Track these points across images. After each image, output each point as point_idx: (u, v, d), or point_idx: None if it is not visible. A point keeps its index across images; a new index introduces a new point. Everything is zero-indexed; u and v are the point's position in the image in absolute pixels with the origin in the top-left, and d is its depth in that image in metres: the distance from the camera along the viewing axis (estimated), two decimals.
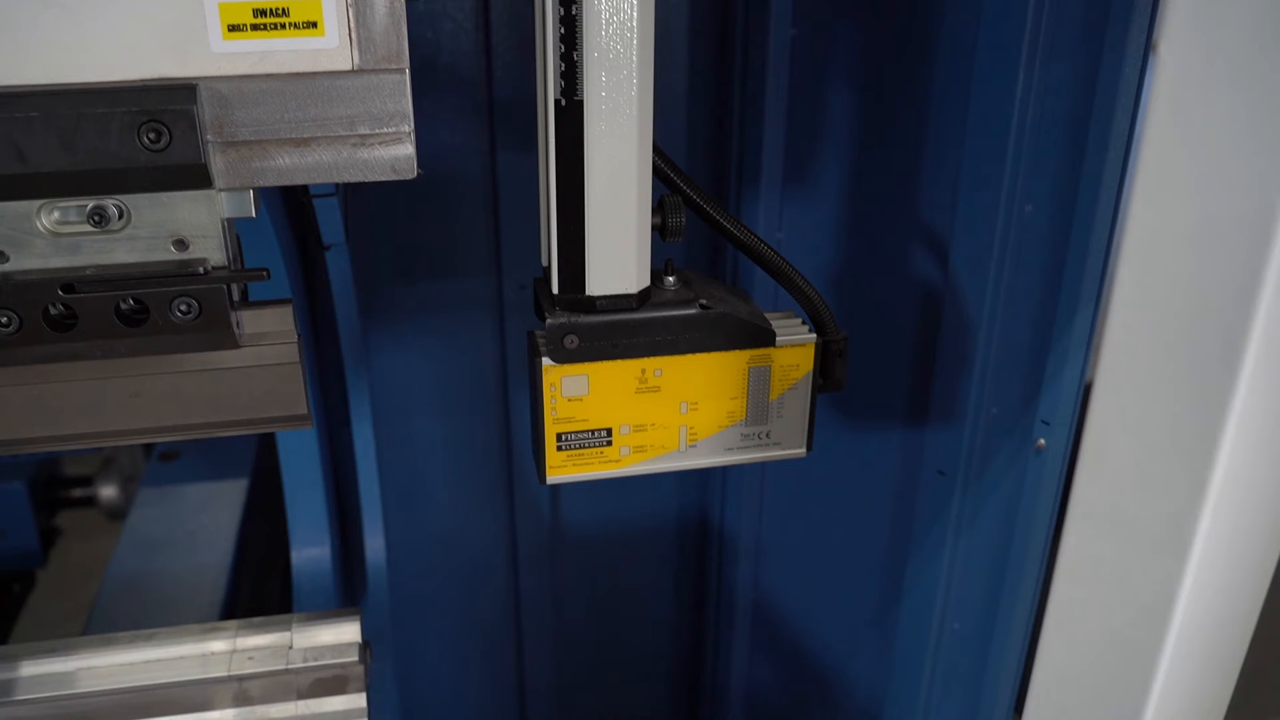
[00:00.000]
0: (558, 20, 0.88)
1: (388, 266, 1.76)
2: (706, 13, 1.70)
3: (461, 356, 1.87)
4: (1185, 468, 0.77)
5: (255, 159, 0.84)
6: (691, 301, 1.03)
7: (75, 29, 0.78)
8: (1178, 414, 0.77)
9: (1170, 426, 0.78)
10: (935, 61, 1.40)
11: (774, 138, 1.65)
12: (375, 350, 1.80)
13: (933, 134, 1.43)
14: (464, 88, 1.67)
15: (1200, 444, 0.76)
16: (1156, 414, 0.79)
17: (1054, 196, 1.28)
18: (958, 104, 1.36)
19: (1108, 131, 1.17)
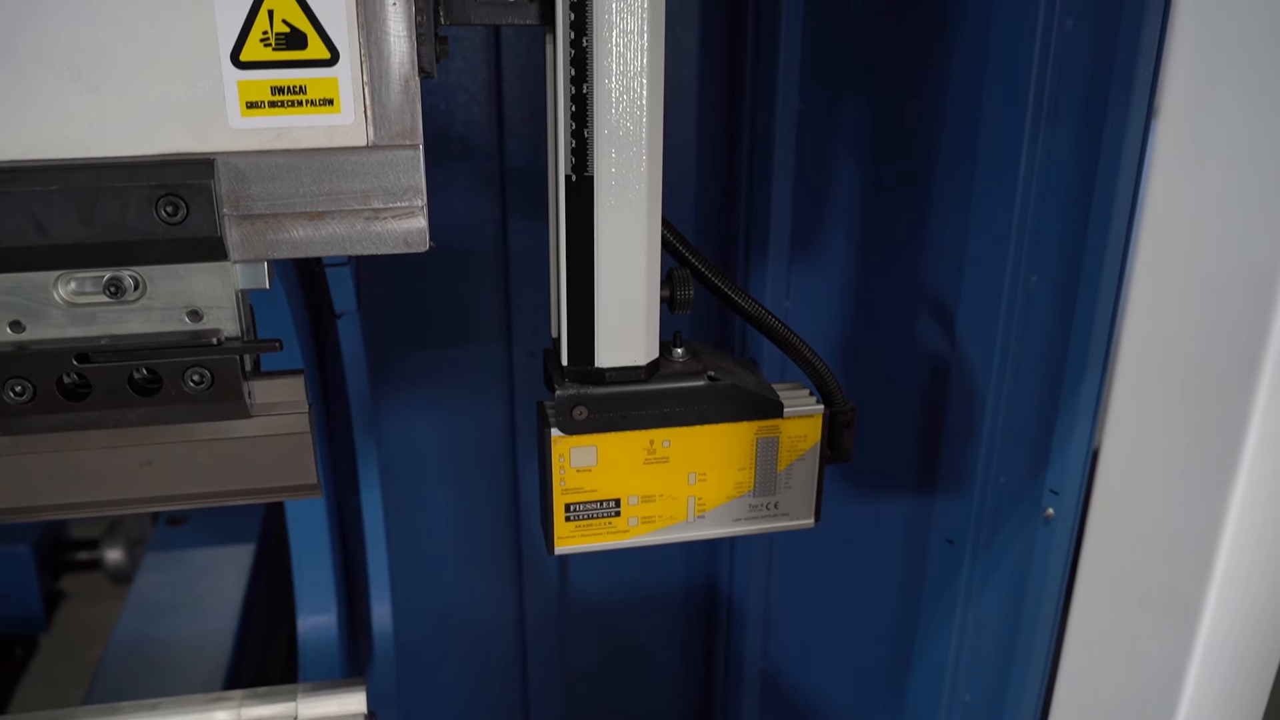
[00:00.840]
0: (569, 98, 0.90)
1: (399, 333, 1.77)
2: (715, 87, 1.73)
3: (471, 424, 1.88)
4: (1193, 537, 0.77)
5: (270, 232, 0.86)
6: (700, 373, 1.04)
7: (97, 105, 0.80)
8: (1185, 484, 0.77)
9: (1178, 496, 0.78)
10: (940, 134, 1.42)
11: (781, 208, 1.67)
12: (385, 417, 1.81)
13: (938, 205, 1.45)
14: (477, 158, 1.70)
15: (1207, 513, 0.76)
16: (1164, 484, 0.79)
17: (1059, 267, 1.29)
18: (963, 175, 1.38)
19: (1111, 201, 1.19)
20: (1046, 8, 1.22)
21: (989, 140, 1.33)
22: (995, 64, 1.30)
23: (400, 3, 0.81)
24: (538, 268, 1.03)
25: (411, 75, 0.82)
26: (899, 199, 1.52)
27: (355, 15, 0.81)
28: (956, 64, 1.38)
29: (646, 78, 0.90)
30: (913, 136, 1.47)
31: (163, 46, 0.79)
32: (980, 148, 1.34)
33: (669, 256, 1.02)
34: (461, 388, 1.85)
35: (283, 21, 0.80)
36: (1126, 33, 1.14)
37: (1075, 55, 1.22)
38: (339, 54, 0.81)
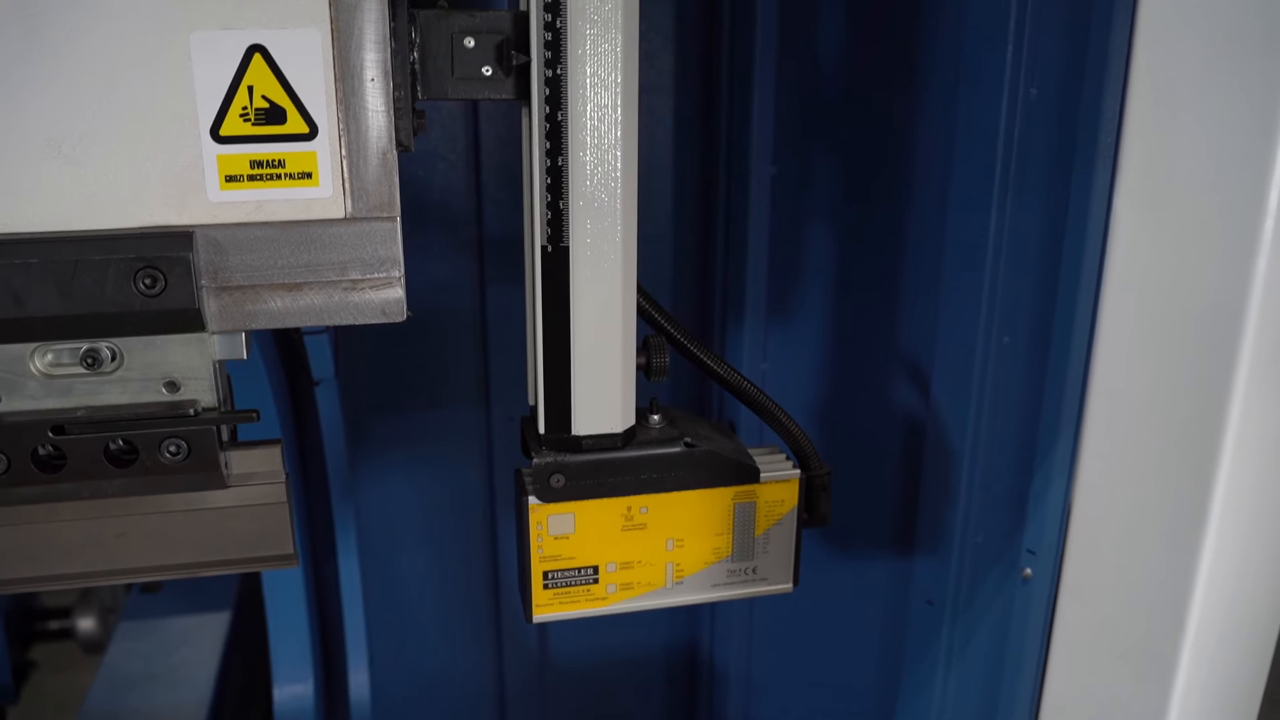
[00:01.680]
0: (544, 171, 0.91)
1: (377, 399, 1.77)
2: (689, 152, 1.76)
3: (449, 489, 1.87)
4: (1166, 593, 0.78)
5: (248, 303, 0.86)
6: (676, 440, 1.05)
7: (76, 179, 0.81)
8: (1157, 540, 0.78)
9: (1150, 553, 0.79)
10: (910, 198, 1.45)
11: (757, 272, 1.69)
12: (362, 483, 1.80)
13: (911, 267, 1.47)
14: (454, 224, 1.72)
15: (1180, 569, 0.77)
16: (1136, 541, 0.80)
17: (1030, 327, 1.30)
18: (934, 239, 1.40)
19: (1079, 263, 1.21)
20: (1011, 76, 1.25)
21: (959, 204, 1.35)
22: (963, 130, 1.33)
23: (378, 79, 0.82)
24: (515, 332, 1.03)
25: (389, 149, 0.84)
26: (872, 261, 1.54)
27: (334, 91, 0.82)
28: (925, 129, 1.41)
29: (621, 150, 0.91)
30: (885, 201, 1.50)
31: (143, 122, 0.80)
32: (950, 211, 1.37)
33: (645, 324, 1.03)
34: (439, 453, 1.84)
35: (262, 97, 0.81)
36: (1089, 100, 1.17)
37: (1040, 122, 1.25)
38: (318, 129, 0.83)
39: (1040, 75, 1.23)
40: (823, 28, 1.56)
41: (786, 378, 1.72)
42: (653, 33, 1.70)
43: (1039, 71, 1.23)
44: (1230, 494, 0.75)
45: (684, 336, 1.05)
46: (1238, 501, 0.75)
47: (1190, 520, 0.76)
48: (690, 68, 1.73)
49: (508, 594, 1.96)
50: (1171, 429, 0.76)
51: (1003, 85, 1.26)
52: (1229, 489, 0.75)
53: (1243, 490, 0.75)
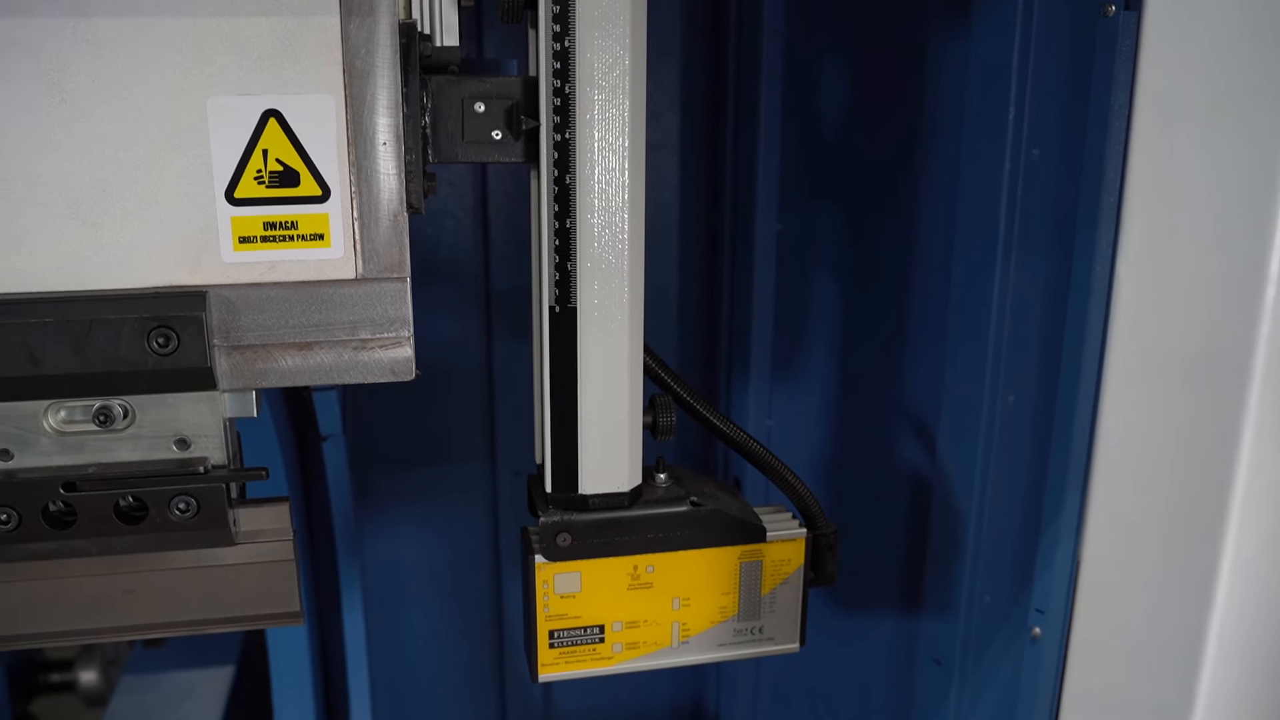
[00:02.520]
0: (552, 233, 0.93)
1: (383, 453, 1.78)
2: (695, 208, 1.78)
3: (455, 544, 1.87)
4: (1176, 655, 0.77)
5: (259, 361, 0.87)
6: (682, 499, 1.05)
7: (94, 240, 0.82)
8: (1166, 601, 0.78)
9: (1159, 614, 0.79)
10: (916, 256, 1.46)
11: (762, 328, 1.70)
12: (368, 537, 1.80)
13: (916, 324, 1.48)
14: (462, 280, 1.73)
15: (1190, 631, 0.76)
16: (1145, 602, 0.80)
17: (1036, 385, 1.31)
18: (939, 296, 1.41)
19: (1084, 321, 1.21)
20: (1014, 137, 1.27)
21: (963, 263, 1.36)
22: (966, 190, 1.34)
23: (390, 142, 0.84)
24: (522, 387, 1.04)
25: (400, 211, 0.85)
26: (878, 318, 1.55)
27: (346, 154, 0.84)
28: (929, 188, 1.42)
29: (628, 212, 0.93)
30: (890, 258, 1.51)
31: (160, 184, 0.82)
32: (955, 270, 1.38)
33: (651, 382, 1.04)
34: (445, 507, 1.84)
35: (276, 160, 0.83)
36: (1090, 161, 1.18)
37: (1042, 182, 1.26)
38: (330, 191, 0.84)
39: (1042, 136, 1.25)
40: (826, 88, 1.59)
41: (792, 434, 1.72)
42: (659, 92, 1.73)
43: (1041, 133, 1.25)
44: (1239, 551, 0.75)
45: (690, 395, 1.06)
46: (1247, 559, 0.75)
47: (1200, 579, 0.76)
48: (696, 126, 1.75)
49: (512, 651, 1.95)
50: (1178, 487, 0.76)
51: (1005, 146, 1.27)
52: (1238, 546, 0.75)
53: (1252, 547, 0.75)
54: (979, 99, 1.30)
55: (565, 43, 0.88)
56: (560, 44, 0.88)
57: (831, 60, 1.58)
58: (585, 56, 0.89)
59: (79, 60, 0.79)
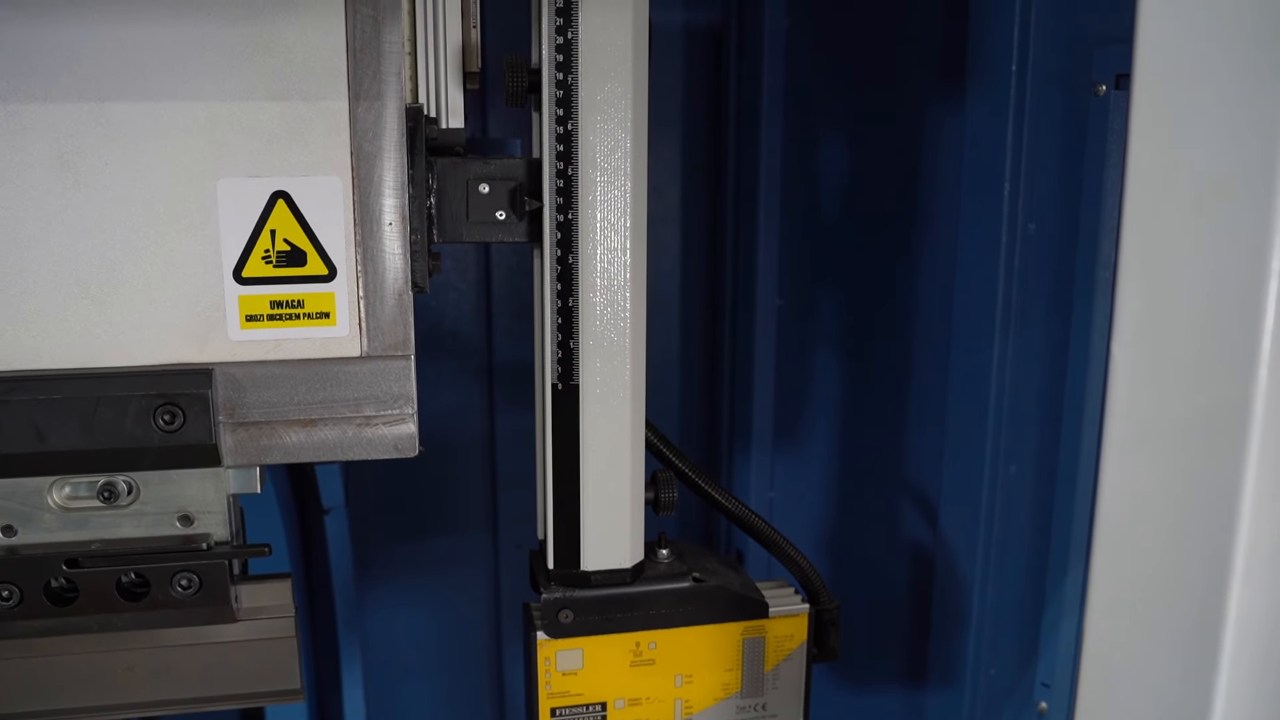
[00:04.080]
0: (555, 311, 0.94)
1: (385, 525, 1.78)
2: (696, 282, 1.79)
3: (456, 618, 1.86)
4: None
5: (264, 438, 0.88)
6: (685, 575, 1.05)
7: (103, 319, 0.83)
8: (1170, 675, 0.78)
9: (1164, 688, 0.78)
10: (914, 329, 1.47)
11: (763, 401, 1.71)
12: (369, 611, 1.79)
13: (915, 396, 1.49)
14: (465, 352, 1.75)
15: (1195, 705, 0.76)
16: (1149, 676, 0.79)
17: (1036, 456, 1.31)
18: (938, 368, 1.42)
19: (1082, 393, 1.22)
20: (1010, 212, 1.28)
21: (962, 335, 1.37)
22: (964, 263, 1.36)
23: (396, 222, 0.85)
24: (524, 459, 1.05)
25: (405, 290, 0.86)
26: (878, 390, 1.56)
27: (353, 234, 0.85)
28: (928, 262, 1.44)
29: (630, 290, 0.94)
30: (890, 331, 1.52)
31: (169, 264, 0.83)
32: (954, 341, 1.39)
33: (653, 458, 1.05)
34: (446, 580, 1.84)
35: (284, 240, 0.84)
36: (1085, 235, 1.20)
37: (1038, 257, 1.27)
38: (336, 270, 0.85)
39: (1038, 211, 1.27)
40: (825, 164, 1.61)
41: (794, 506, 1.72)
42: (660, 166, 1.75)
43: (1037, 208, 1.27)
44: (1243, 624, 0.75)
45: (692, 470, 1.06)
46: (1252, 631, 0.75)
47: (1205, 651, 0.76)
48: (697, 199, 1.78)
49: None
50: (1180, 561, 0.76)
51: (1001, 221, 1.29)
52: (1240, 620, 0.74)
53: (1255, 620, 0.75)
54: (975, 174, 1.33)
55: (568, 126, 0.90)
56: (563, 128, 0.90)
57: (830, 136, 1.60)
58: (588, 140, 0.91)
59: (92, 143, 0.81)
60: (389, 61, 0.84)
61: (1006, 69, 1.25)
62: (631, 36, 0.90)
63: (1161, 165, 0.73)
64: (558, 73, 0.89)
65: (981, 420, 1.35)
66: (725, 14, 1.74)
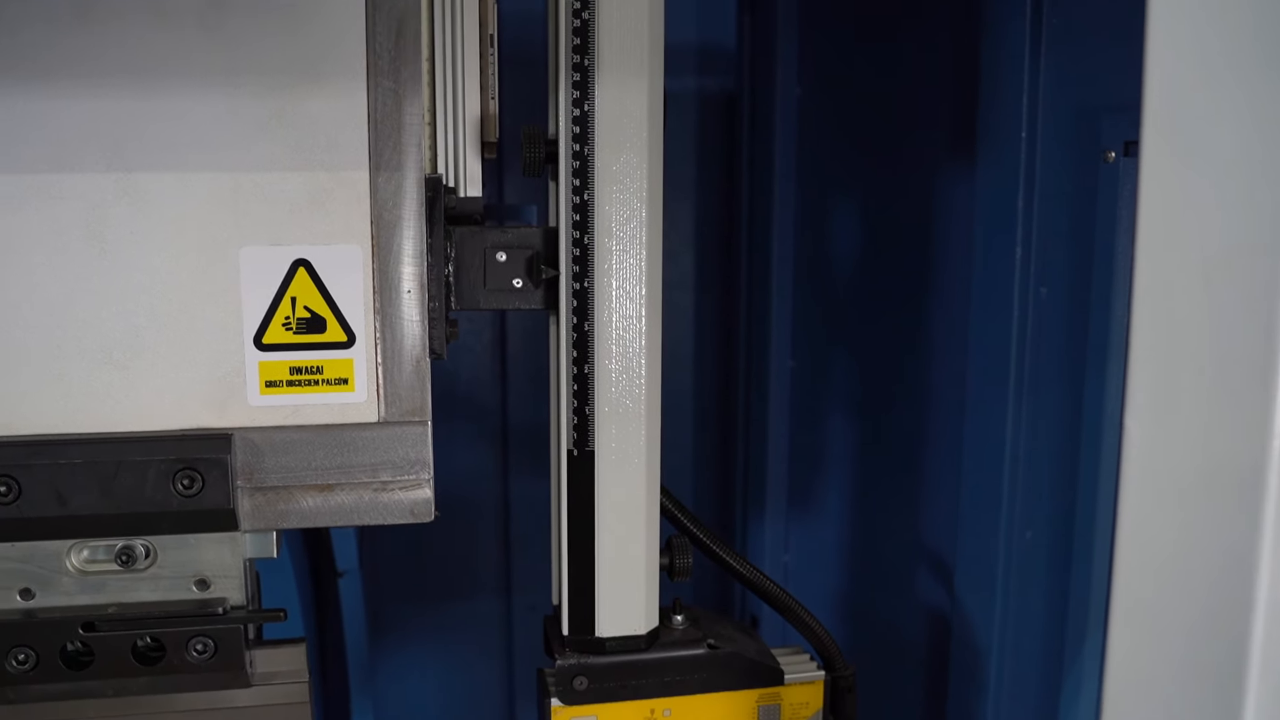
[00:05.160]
0: (570, 378, 0.95)
1: (399, 588, 1.77)
2: (709, 345, 1.81)
3: (469, 682, 1.85)
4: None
5: (281, 503, 0.88)
6: (699, 641, 1.05)
7: (125, 384, 0.85)
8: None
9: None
10: (928, 393, 1.48)
11: (777, 463, 1.71)
12: (382, 674, 1.78)
13: (930, 459, 1.48)
14: (480, 414, 1.75)
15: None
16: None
17: (1052, 521, 1.30)
18: (953, 431, 1.42)
19: (1098, 457, 1.22)
20: (1022, 276, 1.29)
21: (976, 398, 1.38)
22: (977, 327, 1.36)
23: (415, 290, 0.87)
24: (538, 521, 1.05)
25: (423, 356, 0.87)
26: (892, 453, 1.56)
27: (372, 301, 0.86)
28: (940, 325, 1.45)
29: (645, 358, 0.95)
30: (903, 394, 1.52)
31: (191, 330, 0.84)
32: (968, 405, 1.39)
33: (667, 523, 1.05)
34: (460, 642, 1.83)
35: (304, 307, 0.86)
36: (1097, 300, 1.20)
37: (1051, 321, 1.28)
38: (355, 337, 0.86)
39: (1050, 275, 1.27)
40: (837, 228, 1.63)
41: (809, 570, 1.71)
42: (674, 231, 1.77)
43: (1049, 272, 1.27)
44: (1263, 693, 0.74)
45: (707, 536, 1.06)
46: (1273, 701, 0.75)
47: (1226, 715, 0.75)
48: (710, 264, 1.80)
49: None
50: (1198, 629, 0.76)
51: (1014, 285, 1.29)
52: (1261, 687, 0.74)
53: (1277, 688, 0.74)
54: (987, 239, 1.34)
55: (584, 196, 0.92)
56: (579, 197, 0.91)
57: (842, 200, 1.62)
58: (604, 209, 0.92)
59: (119, 212, 0.83)
60: (409, 133, 0.86)
61: (1016, 135, 1.27)
62: (647, 108, 0.92)
63: (1170, 235, 0.74)
64: (574, 144, 0.91)
65: (996, 484, 1.35)
66: (738, 81, 1.77)
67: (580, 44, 0.90)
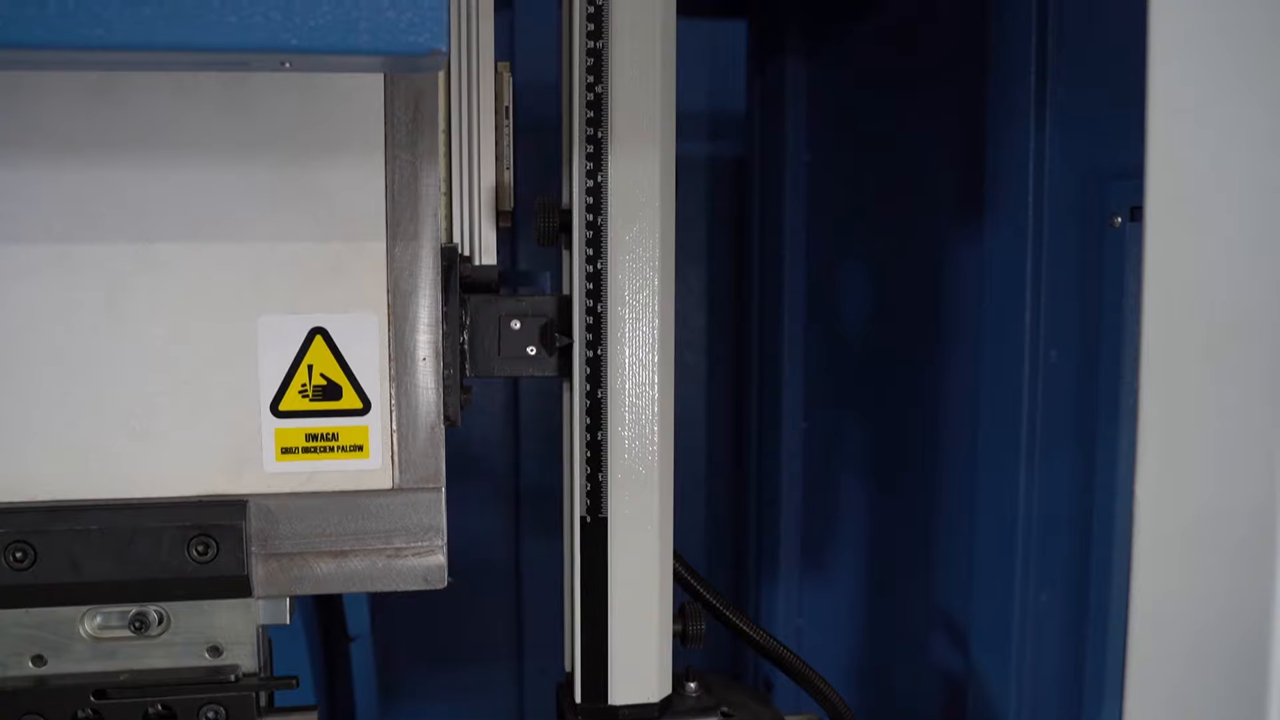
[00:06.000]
0: (584, 445, 0.95)
1: (410, 651, 1.76)
2: (721, 407, 1.81)
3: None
4: None
5: (294, 569, 0.88)
6: (713, 709, 1.04)
7: (142, 450, 0.85)
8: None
9: None
10: (940, 455, 1.47)
11: (790, 526, 1.70)
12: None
13: (943, 522, 1.48)
14: (492, 476, 1.76)
15: None
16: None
17: (1067, 584, 1.30)
18: (965, 493, 1.42)
19: (1111, 519, 1.21)
20: (1031, 340, 1.30)
21: (988, 461, 1.37)
22: (987, 389, 1.36)
23: (430, 358, 0.88)
24: (550, 584, 1.05)
25: (437, 424, 0.88)
26: (905, 515, 1.56)
27: (388, 369, 0.87)
28: (951, 388, 1.45)
29: (658, 424, 0.96)
30: (915, 456, 1.52)
31: (209, 397, 0.85)
32: (980, 467, 1.39)
33: (680, 589, 1.04)
34: (472, 707, 1.82)
35: (321, 375, 0.87)
36: (1107, 363, 1.20)
37: (1061, 384, 1.28)
38: (371, 404, 0.87)
39: (1059, 339, 1.28)
40: (847, 290, 1.64)
41: (822, 634, 1.70)
42: (685, 292, 1.79)
43: (1058, 335, 1.28)
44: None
45: (720, 602, 1.06)
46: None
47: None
48: (721, 325, 1.81)
49: None
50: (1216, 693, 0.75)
51: (1023, 348, 1.30)
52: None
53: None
54: (996, 303, 1.34)
55: (597, 265, 0.93)
56: (593, 266, 0.93)
57: (851, 264, 1.64)
58: (616, 278, 0.93)
59: (140, 282, 0.84)
60: (426, 204, 0.87)
61: (1023, 200, 1.28)
62: (659, 178, 0.93)
63: (1175, 305, 0.74)
64: (588, 214, 0.92)
65: (1010, 546, 1.34)
66: (749, 147, 1.80)
67: (593, 117, 0.92)
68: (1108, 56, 1.16)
